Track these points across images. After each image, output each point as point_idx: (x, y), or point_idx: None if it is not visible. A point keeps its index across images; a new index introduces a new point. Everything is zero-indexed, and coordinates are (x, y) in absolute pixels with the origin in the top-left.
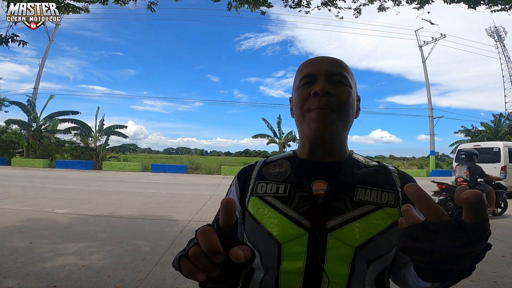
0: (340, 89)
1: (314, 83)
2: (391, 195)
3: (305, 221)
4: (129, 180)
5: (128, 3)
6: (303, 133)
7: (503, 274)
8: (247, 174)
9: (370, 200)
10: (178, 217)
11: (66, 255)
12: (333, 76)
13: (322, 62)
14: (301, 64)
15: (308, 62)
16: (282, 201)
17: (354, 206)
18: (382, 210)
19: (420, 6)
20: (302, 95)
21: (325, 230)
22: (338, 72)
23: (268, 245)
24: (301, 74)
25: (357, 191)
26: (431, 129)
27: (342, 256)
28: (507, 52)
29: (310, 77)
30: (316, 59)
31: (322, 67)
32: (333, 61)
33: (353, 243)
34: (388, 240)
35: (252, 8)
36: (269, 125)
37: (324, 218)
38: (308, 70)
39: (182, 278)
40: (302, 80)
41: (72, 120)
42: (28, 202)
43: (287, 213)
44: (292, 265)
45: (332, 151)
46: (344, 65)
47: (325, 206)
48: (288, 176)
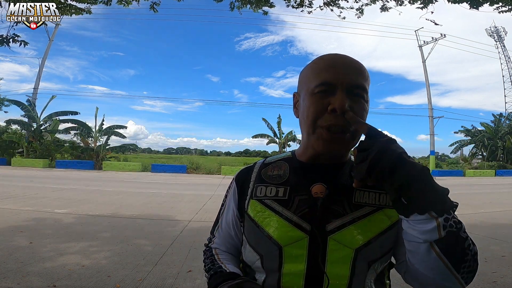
0: (358, 106)
1: (331, 93)
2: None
3: (305, 224)
4: (129, 180)
5: (132, 3)
6: (310, 143)
7: (503, 274)
8: (245, 176)
9: (369, 202)
10: (178, 217)
11: (66, 255)
12: (353, 89)
13: (344, 68)
14: (318, 62)
15: (326, 63)
16: (282, 204)
17: (353, 209)
18: (381, 212)
19: (424, 6)
20: (318, 106)
21: (325, 232)
22: (360, 84)
23: (269, 248)
24: (318, 78)
25: (355, 194)
26: (431, 129)
27: (342, 258)
28: (507, 52)
29: (327, 85)
30: (336, 62)
31: (343, 77)
32: (355, 69)
33: (353, 245)
34: (387, 241)
35: (254, 8)
36: (269, 125)
37: (324, 221)
38: (327, 77)
39: (182, 278)
40: (318, 86)
41: (72, 120)
42: (28, 202)
43: (287, 217)
44: (293, 268)
45: (334, 157)
46: (366, 73)
47: (325, 209)
48: (287, 178)
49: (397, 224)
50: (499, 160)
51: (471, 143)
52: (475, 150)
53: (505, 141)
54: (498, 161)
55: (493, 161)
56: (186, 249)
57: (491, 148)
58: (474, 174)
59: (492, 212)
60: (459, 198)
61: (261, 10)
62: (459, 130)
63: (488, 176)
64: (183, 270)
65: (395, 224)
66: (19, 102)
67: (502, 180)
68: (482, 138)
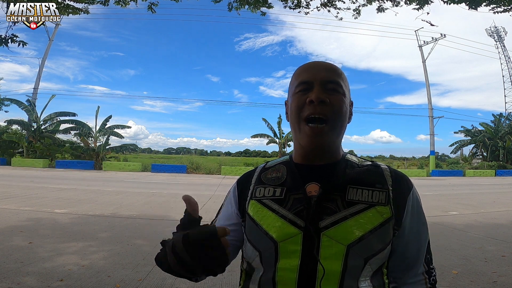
0: (334, 97)
1: (309, 90)
2: (382, 193)
3: (299, 221)
4: (129, 180)
5: (129, 3)
6: (297, 141)
7: (503, 274)
8: (247, 179)
9: (362, 199)
10: (178, 217)
11: (66, 255)
12: (328, 84)
13: (318, 68)
14: (297, 69)
15: (304, 68)
16: (279, 203)
17: (346, 206)
18: (374, 209)
19: (420, 7)
20: (298, 102)
21: (319, 229)
22: (333, 80)
23: (266, 244)
24: (297, 80)
25: (348, 191)
26: (431, 129)
27: (335, 254)
28: (507, 52)
29: (306, 84)
30: (312, 65)
31: (318, 75)
32: (328, 68)
33: (345, 241)
34: (380, 238)
35: (252, 9)
36: (269, 125)
37: (317, 218)
38: (304, 77)
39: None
40: (298, 86)
41: (72, 121)
42: (28, 202)
43: (283, 214)
44: (288, 263)
45: (325, 155)
46: (339, 71)
47: (318, 207)
48: (285, 180)
49: (390, 221)
50: (501, 160)
51: (471, 143)
52: (475, 150)
53: (505, 141)
54: (499, 161)
55: (494, 161)
56: None
57: (492, 148)
58: (474, 174)
59: (492, 212)
60: (459, 198)
61: (259, 11)
62: (459, 130)
63: (488, 176)
64: None
65: (387, 221)
66: (19, 102)
67: (502, 180)
68: (482, 138)
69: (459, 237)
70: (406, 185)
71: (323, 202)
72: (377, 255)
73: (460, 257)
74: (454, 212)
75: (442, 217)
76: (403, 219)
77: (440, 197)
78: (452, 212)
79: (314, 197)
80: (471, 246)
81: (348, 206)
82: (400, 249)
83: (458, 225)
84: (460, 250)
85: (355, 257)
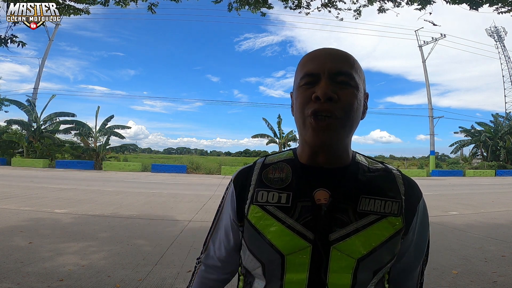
0: (345, 92)
1: (316, 83)
2: (395, 204)
3: (308, 233)
4: (129, 180)
5: (129, 4)
6: (303, 137)
7: (503, 274)
8: (245, 178)
9: (374, 210)
10: (178, 217)
11: (66, 255)
12: (337, 76)
13: (326, 57)
14: (303, 57)
15: (310, 56)
16: (285, 212)
17: (357, 218)
18: (386, 220)
19: (422, 7)
20: (303, 97)
21: (328, 242)
22: (344, 71)
23: (272, 256)
24: (303, 70)
25: (361, 202)
26: (431, 129)
27: (344, 268)
28: (507, 52)
29: (311, 76)
30: (319, 53)
31: (325, 65)
32: (338, 57)
33: (356, 255)
34: (390, 249)
35: (252, 9)
36: (269, 125)
37: (327, 230)
38: (310, 68)
39: (182, 278)
40: (303, 78)
41: (72, 121)
42: (28, 202)
43: (290, 224)
44: (295, 277)
45: (333, 156)
46: (352, 60)
47: (328, 217)
48: (290, 183)
49: (401, 232)
50: (501, 160)
51: (471, 143)
52: (475, 150)
53: (505, 141)
54: (499, 161)
55: (494, 161)
56: (186, 249)
57: (492, 148)
58: (474, 174)
59: (492, 212)
60: (459, 198)
61: (259, 11)
62: (459, 131)
63: (488, 176)
64: (183, 270)
65: (399, 232)
66: (19, 102)
67: (502, 180)
68: (483, 138)
69: (459, 237)
70: (417, 194)
71: (334, 212)
72: (385, 266)
73: (460, 257)
74: (454, 212)
75: (442, 217)
76: (411, 227)
77: (440, 197)
78: (452, 212)
79: (324, 206)
80: (471, 246)
81: (359, 217)
82: (402, 256)
83: (458, 225)
84: (460, 250)
85: (364, 271)
